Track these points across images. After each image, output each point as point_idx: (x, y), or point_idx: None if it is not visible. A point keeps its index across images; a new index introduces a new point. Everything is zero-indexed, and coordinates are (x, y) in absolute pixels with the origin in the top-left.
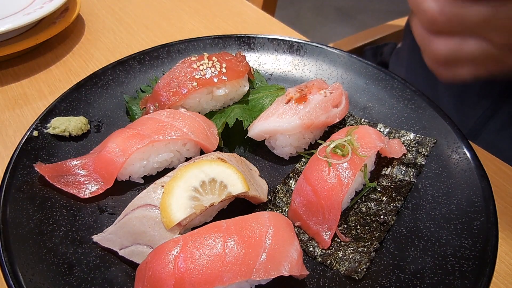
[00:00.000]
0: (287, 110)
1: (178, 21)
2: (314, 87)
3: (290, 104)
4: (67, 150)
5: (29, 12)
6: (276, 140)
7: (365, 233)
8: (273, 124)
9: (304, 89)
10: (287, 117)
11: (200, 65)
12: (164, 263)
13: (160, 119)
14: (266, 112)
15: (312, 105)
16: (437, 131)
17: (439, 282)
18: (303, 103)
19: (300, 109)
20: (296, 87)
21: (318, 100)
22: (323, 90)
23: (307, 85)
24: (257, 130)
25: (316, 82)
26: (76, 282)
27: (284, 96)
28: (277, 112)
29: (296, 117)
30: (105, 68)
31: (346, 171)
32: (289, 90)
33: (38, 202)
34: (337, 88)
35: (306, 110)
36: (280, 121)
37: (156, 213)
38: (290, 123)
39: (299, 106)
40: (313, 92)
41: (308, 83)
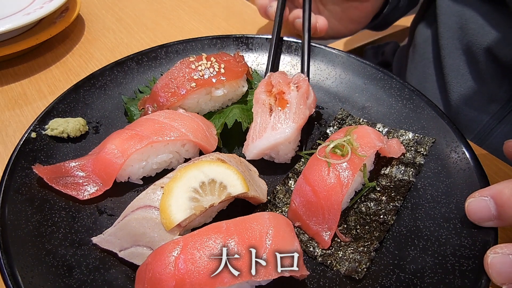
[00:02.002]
0: (277, 119)
1: (178, 21)
2: (281, 84)
3: (275, 112)
4: (65, 152)
5: (29, 12)
6: (278, 151)
7: (365, 233)
8: (272, 139)
9: (273, 89)
10: (281, 126)
11: (198, 66)
12: (164, 265)
13: (158, 120)
14: (254, 129)
15: (295, 104)
16: (436, 131)
17: (439, 281)
18: (287, 106)
19: (287, 112)
20: (262, 89)
21: (296, 97)
22: (291, 83)
23: (273, 83)
24: (256, 151)
25: (278, 77)
26: (76, 284)
27: (261, 105)
28: (268, 126)
29: (290, 122)
30: (103, 69)
31: (345, 171)
32: (258, 96)
33: (37, 204)
34: (304, 80)
35: (293, 111)
36: (278, 132)
37: (155, 214)
38: (288, 130)
39: (285, 110)
40: (285, 91)
41: (271, 79)
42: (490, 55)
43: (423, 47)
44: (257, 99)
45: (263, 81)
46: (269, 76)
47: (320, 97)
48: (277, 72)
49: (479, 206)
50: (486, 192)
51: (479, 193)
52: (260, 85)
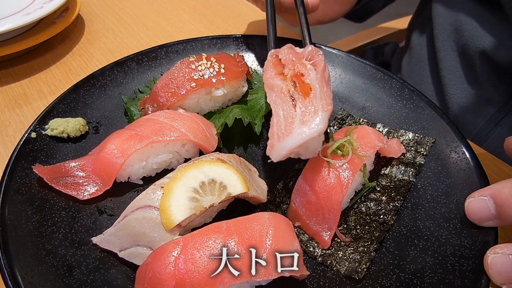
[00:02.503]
0: (303, 110)
1: (178, 21)
2: (295, 63)
3: (299, 101)
4: (65, 152)
5: (29, 12)
6: (307, 147)
7: (365, 233)
8: (305, 135)
9: (285, 71)
10: (311, 118)
11: (198, 66)
12: (164, 265)
13: (158, 120)
14: (278, 125)
15: (318, 89)
16: (436, 131)
17: (439, 281)
18: (311, 92)
19: (313, 100)
20: (273, 71)
21: (317, 79)
22: (304, 61)
23: (283, 62)
24: (286, 151)
25: (288, 53)
26: (76, 284)
27: (279, 94)
28: (295, 119)
29: (320, 111)
30: (103, 69)
31: (345, 171)
32: (272, 82)
33: (37, 204)
34: (319, 54)
35: (318, 97)
36: (309, 127)
37: (155, 214)
38: (321, 122)
39: (310, 97)
40: (303, 72)
41: (280, 57)
42: (485, 58)
43: (419, 49)
44: (270, 85)
45: (269, 61)
46: (275, 54)
47: None
48: (285, 47)
49: (479, 205)
50: (485, 192)
51: (479, 193)
52: (268, 67)
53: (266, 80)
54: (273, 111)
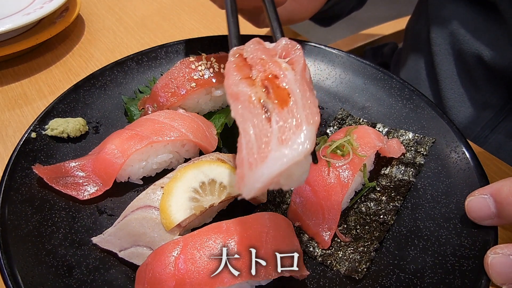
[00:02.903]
0: (282, 124)
1: (178, 21)
2: (266, 61)
3: (275, 113)
4: (65, 152)
5: (29, 12)
6: (291, 174)
7: (365, 233)
8: (286, 159)
9: (252, 73)
10: (293, 135)
11: (198, 66)
12: (164, 265)
13: (158, 120)
14: (247, 148)
15: (299, 94)
16: (436, 131)
17: (439, 281)
18: (290, 99)
19: (294, 110)
20: (236, 75)
21: (296, 80)
22: (276, 58)
23: (249, 61)
24: (263, 182)
25: (255, 50)
26: (76, 284)
27: (247, 105)
28: (271, 138)
29: (304, 125)
30: (103, 69)
31: (345, 171)
32: (236, 89)
33: (37, 204)
34: (295, 49)
35: (301, 105)
36: (291, 147)
37: (155, 214)
38: (307, 139)
39: (289, 106)
40: (277, 72)
41: (244, 55)
42: (482, 63)
43: (416, 52)
44: (235, 94)
45: (231, 62)
46: (238, 52)
47: (320, 97)
48: (251, 42)
49: (479, 204)
50: (485, 191)
51: (479, 192)
52: (230, 70)
53: (229, 88)
54: (240, 128)
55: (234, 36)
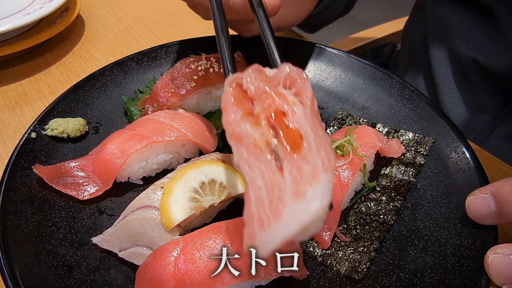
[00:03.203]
0: (296, 173)
1: (178, 21)
2: (269, 93)
3: (286, 160)
4: (65, 152)
5: (29, 12)
6: (307, 229)
7: (365, 233)
8: (305, 216)
9: (255, 109)
10: (310, 186)
11: (198, 66)
12: (164, 265)
13: (158, 120)
14: (258, 203)
15: (312, 134)
16: (436, 131)
17: (439, 281)
18: (303, 141)
19: (308, 155)
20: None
21: (306, 118)
22: (280, 88)
23: (250, 94)
24: (278, 243)
25: (256, 80)
26: (76, 284)
27: (253, 151)
28: (285, 192)
29: (321, 172)
30: (103, 69)
31: (345, 171)
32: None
33: (37, 204)
34: (301, 78)
35: (314, 147)
36: (309, 202)
37: (155, 214)
38: (325, 190)
39: (302, 152)
40: (285, 109)
41: (244, 86)
42: (478, 66)
43: (414, 55)
44: (237, 135)
45: (228, 94)
46: (236, 81)
47: (320, 97)
48: (250, 70)
49: (479, 203)
50: (485, 190)
51: (479, 191)
52: (228, 104)
53: (229, 127)
54: (247, 178)
55: (229, 61)
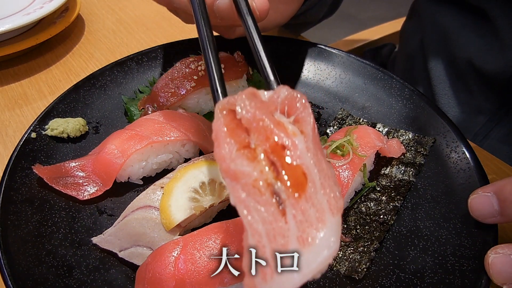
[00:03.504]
0: (300, 218)
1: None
2: (266, 122)
3: (289, 203)
4: (65, 152)
5: (29, 12)
6: None
7: (365, 233)
8: (312, 267)
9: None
10: (317, 231)
11: (198, 66)
12: (164, 265)
13: (158, 120)
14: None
15: (316, 172)
16: (436, 131)
17: (439, 281)
18: (306, 180)
19: (313, 197)
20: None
21: (308, 151)
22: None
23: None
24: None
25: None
26: (76, 284)
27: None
28: (290, 237)
29: (327, 215)
30: (103, 69)
31: (345, 171)
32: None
33: (37, 204)
34: (301, 104)
35: (319, 186)
36: (316, 250)
37: (155, 214)
38: (333, 235)
39: (307, 193)
40: (285, 142)
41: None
42: (474, 68)
43: (411, 57)
44: (233, 174)
45: (220, 123)
46: (228, 108)
47: (320, 97)
48: (243, 95)
49: (481, 202)
50: (488, 189)
51: (481, 190)
52: (220, 135)
53: (223, 162)
54: (246, 223)
55: (218, 82)
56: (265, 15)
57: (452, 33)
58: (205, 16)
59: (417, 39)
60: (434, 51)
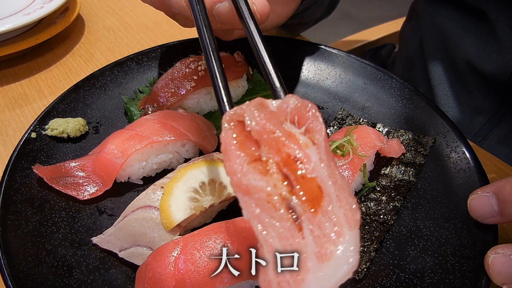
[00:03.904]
0: (318, 233)
1: None
2: (277, 134)
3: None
4: (65, 152)
5: (29, 12)
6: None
7: (365, 233)
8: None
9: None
10: (335, 246)
11: (198, 66)
12: (164, 265)
13: (159, 120)
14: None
15: (331, 184)
16: (436, 131)
17: (439, 281)
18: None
19: (329, 209)
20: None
21: (322, 162)
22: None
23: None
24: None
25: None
26: (76, 284)
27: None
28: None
29: (345, 229)
30: (103, 69)
31: (345, 171)
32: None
33: (37, 204)
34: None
35: (335, 200)
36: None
37: (155, 214)
38: (352, 250)
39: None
40: (299, 155)
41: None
42: (473, 69)
43: (410, 57)
44: (245, 188)
45: (229, 135)
46: (236, 119)
47: (320, 97)
48: (251, 106)
49: (481, 202)
50: (488, 189)
51: (481, 190)
52: (229, 148)
53: (234, 176)
54: (261, 239)
55: (224, 91)
56: (266, 18)
57: (451, 35)
58: (206, 23)
59: (417, 40)
60: (434, 52)
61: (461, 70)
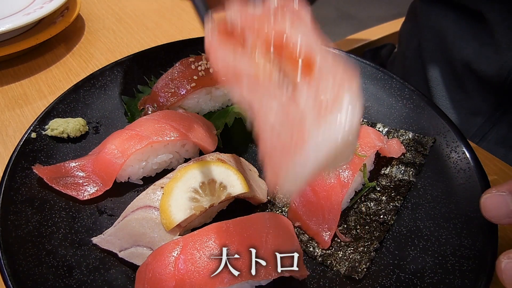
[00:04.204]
0: (314, 97)
1: (178, 21)
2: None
3: (299, 85)
4: (65, 152)
5: (29, 12)
6: (339, 155)
7: (365, 233)
8: (337, 132)
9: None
10: (334, 104)
11: (198, 66)
12: (164, 265)
13: (158, 120)
14: (272, 138)
15: (319, 50)
16: (436, 131)
17: (439, 281)
18: (313, 60)
19: (323, 74)
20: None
21: (310, 33)
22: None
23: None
24: (311, 168)
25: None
26: (76, 284)
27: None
28: (306, 116)
29: (344, 89)
30: (103, 69)
31: (345, 171)
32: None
33: (37, 204)
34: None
35: (330, 65)
36: (337, 119)
37: (155, 214)
38: (353, 102)
39: (315, 74)
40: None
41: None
42: (470, 70)
43: (409, 58)
44: (235, 76)
45: (212, 34)
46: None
47: None
48: (231, 6)
49: (496, 201)
50: (503, 187)
51: (496, 189)
52: (212, 37)
53: (221, 62)
54: (257, 121)
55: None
56: None
57: (449, 36)
58: None
59: (415, 40)
60: (431, 53)
61: (458, 72)
